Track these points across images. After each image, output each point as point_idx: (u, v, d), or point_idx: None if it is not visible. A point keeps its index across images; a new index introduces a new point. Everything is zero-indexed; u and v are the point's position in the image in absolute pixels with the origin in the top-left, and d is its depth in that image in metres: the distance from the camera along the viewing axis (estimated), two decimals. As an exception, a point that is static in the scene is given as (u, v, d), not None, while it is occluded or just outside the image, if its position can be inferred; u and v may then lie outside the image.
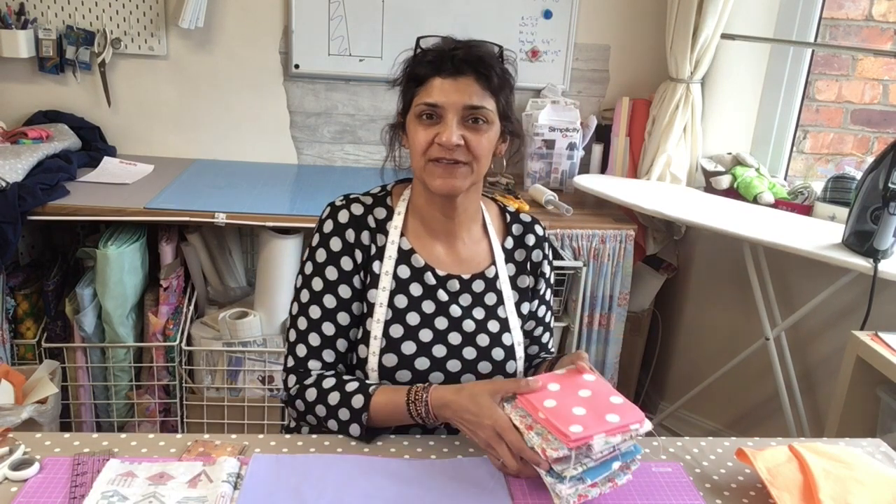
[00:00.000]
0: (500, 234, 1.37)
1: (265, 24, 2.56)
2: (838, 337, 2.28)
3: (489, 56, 1.22)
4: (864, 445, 1.25)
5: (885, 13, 2.42)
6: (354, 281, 1.27)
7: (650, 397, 2.91)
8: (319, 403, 1.20)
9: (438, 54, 1.21)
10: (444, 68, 1.19)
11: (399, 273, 1.28)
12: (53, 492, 1.00)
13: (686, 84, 2.46)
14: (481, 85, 1.20)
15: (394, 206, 1.32)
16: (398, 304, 1.26)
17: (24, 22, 2.40)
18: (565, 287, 2.31)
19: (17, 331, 2.22)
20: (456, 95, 1.18)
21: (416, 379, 1.24)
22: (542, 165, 2.53)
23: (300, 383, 1.24)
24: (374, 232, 1.29)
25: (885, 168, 1.87)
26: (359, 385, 1.20)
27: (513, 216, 1.40)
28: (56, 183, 2.14)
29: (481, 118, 1.20)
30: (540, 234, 1.39)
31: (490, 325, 1.30)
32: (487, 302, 1.31)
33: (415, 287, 1.28)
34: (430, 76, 1.20)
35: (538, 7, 2.62)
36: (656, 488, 1.10)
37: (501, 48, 1.26)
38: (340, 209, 1.29)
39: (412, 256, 1.29)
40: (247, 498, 1.01)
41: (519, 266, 1.36)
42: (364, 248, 1.28)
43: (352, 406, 1.17)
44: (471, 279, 1.31)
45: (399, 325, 1.25)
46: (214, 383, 2.26)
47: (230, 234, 2.43)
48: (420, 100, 1.21)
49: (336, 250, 1.27)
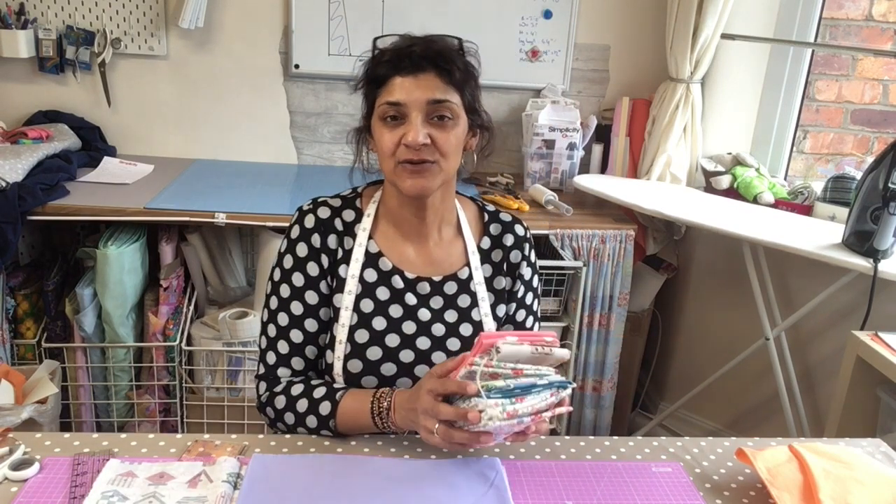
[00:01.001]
0: (476, 235, 1.34)
1: (265, 24, 2.56)
2: (838, 337, 2.28)
3: (448, 50, 1.19)
4: (864, 445, 1.25)
5: (885, 13, 2.42)
6: (321, 286, 1.25)
7: (650, 397, 2.91)
8: (288, 411, 1.21)
9: (396, 53, 1.18)
10: (404, 66, 1.16)
11: (366, 277, 1.26)
12: (53, 492, 1.00)
13: (686, 84, 2.46)
14: (443, 79, 1.17)
15: (363, 208, 1.30)
16: (364, 309, 1.25)
17: (24, 22, 2.40)
18: (565, 287, 2.31)
19: (17, 331, 2.22)
20: (418, 92, 1.15)
21: (382, 384, 1.23)
22: (542, 165, 2.53)
23: (270, 390, 1.24)
24: (341, 235, 1.27)
25: (885, 168, 1.87)
26: (326, 391, 1.19)
27: (491, 216, 1.36)
28: (56, 183, 2.14)
29: (446, 114, 1.17)
30: (520, 234, 1.35)
31: (462, 329, 1.27)
32: (461, 304, 1.28)
33: (381, 291, 1.26)
34: (389, 76, 1.17)
35: (538, 7, 2.62)
36: (656, 488, 1.10)
37: (461, 41, 1.23)
38: (307, 214, 1.27)
39: (380, 260, 1.27)
40: (247, 498, 1.01)
41: (495, 267, 1.32)
42: (331, 252, 1.26)
43: (319, 413, 1.17)
44: (442, 281, 1.28)
45: (364, 329, 1.24)
46: (214, 383, 2.26)
47: (230, 234, 2.43)
48: (382, 100, 1.18)
49: (302, 256, 1.25)
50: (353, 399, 1.17)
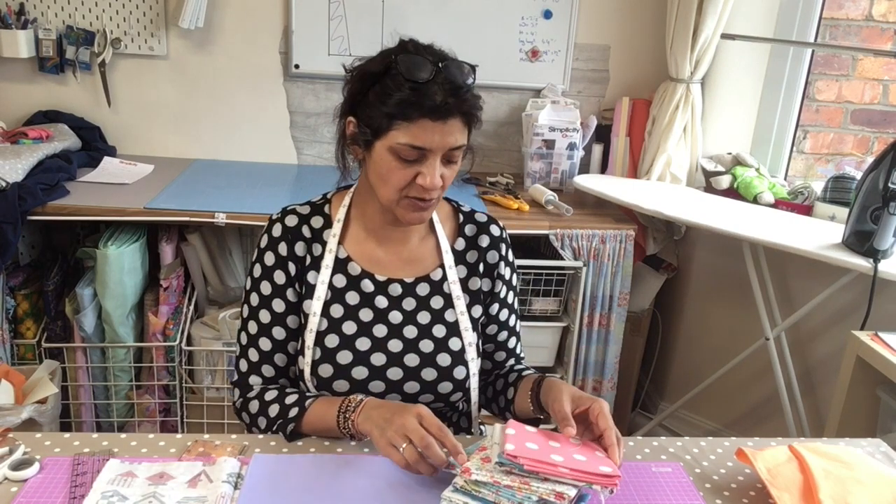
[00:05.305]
0: (451, 235, 1.33)
1: (265, 24, 2.56)
2: (838, 337, 2.28)
3: (473, 94, 1.16)
4: (864, 445, 1.25)
5: (885, 13, 2.42)
6: (288, 294, 1.26)
7: (650, 397, 2.91)
8: (261, 416, 1.22)
9: (424, 91, 1.11)
10: (434, 110, 1.11)
11: (335, 282, 1.26)
12: (53, 492, 1.00)
13: (686, 84, 2.46)
14: (464, 123, 1.16)
15: (332, 214, 1.30)
16: (334, 314, 1.25)
17: (24, 22, 2.40)
18: (565, 287, 2.31)
19: (17, 331, 2.22)
20: (442, 139, 1.13)
21: (353, 388, 1.23)
22: (542, 165, 2.53)
23: (244, 396, 1.27)
24: (309, 242, 1.27)
25: (885, 168, 1.87)
26: (298, 397, 1.21)
27: (466, 216, 1.35)
28: (56, 183, 2.14)
29: (459, 155, 1.18)
30: (496, 234, 1.35)
31: (435, 330, 1.27)
32: (433, 305, 1.28)
33: (351, 296, 1.26)
34: (417, 117, 1.11)
35: (538, 7, 2.62)
36: (656, 488, 1.10)
37: (473, 68, 1.17)
38: (275, 223, 1.28)
39: (348, 265, 1.27)
40: (247, 498, 1.01)
41: (470, 268, 1.32)
42: (298, 260, 1.26)
43: (288, 417, 1.18)
44: (414, 282, 1.28)
45: (335, 334, 1.24)
46: (214, 383, 2.26)
47: (230, 234, 2.43)
48: (403, 139, 1.12)
49: (269, 265, 1.26)
50: (324, 402, 1.19)
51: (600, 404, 1.08)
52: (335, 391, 1.23)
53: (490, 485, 0.97)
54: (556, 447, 1.03)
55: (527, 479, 0.96)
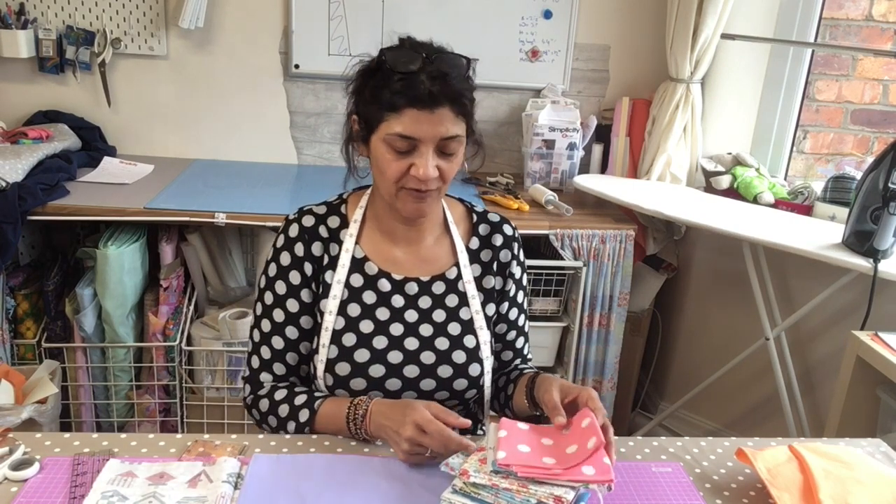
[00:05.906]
0: (465, 235, 1.35)
1: (265, 24, 2.56)
2: (838, 337, 2.28)
3: (462, 81, 1.17)
4: (864, 445, 1.25)
5: (885, 13, 2.42)
6: (303, 294, 1.27)
7: (650, 397, 2.91)
8: (271, 414, 1.24)
9: (410, 82, 1.13)
10: (420, 100, 1.12)
11: (352, 281, 1.27)
12: (53, 492, 1.00)
13: (686, 84, 2.46)
14: (454, 112, 1.16)
15: (349, 214, 1.31)
16: (351, 313, 1.26)
17: (24, 22, 2.39)
18: (565, 287, 2.31)
19: (17, 331, 2.22)
20: (432, 128, 1.14)
21: (370, 386, 1.24)
22: (542, 165, 2.53)
23: (254, 394, 1.28)
24: (326, 242, 1.28)
25: (885, 168, 1.87)
26: (307, 398, 1.22)
27: (480, 216, 1.37)
28: (56, 183, 2.14)
29: (455, 146, 1.18)
30: (509, 234, 1.36)
31: (451, 328, 1.28)
32: (449, 304, 1.30)
33: (368, 295, 1.27)
34: (402, 106, 1.13)
35: (538, 7, 2.62)
36: (656, 488, 1.10)
37: (468, 61, 1.20)
38: (291, 223, 1.29)
39: (365, 264, 1.28)
40: (247, 498, 1.01)
41: (485, 266, 1.34)
42: (315, 260, 1.28)
43: (298, 419, 1.21)
44: (430, 281, 1.30)
45: (352, 333, 1.25)
46: (214, 383, 2.26)
47: (230, 234, 2.43)
48: (392, 129, 1.14)
49: (285, 265, 1.27)
50: (332, 404, 1.20)
51: (588, 392, 1.11)
52: (352, 389, 1.24)
53: (489, 487, 0.97)
54: (549, 445, 1.04)
55: (525, 482, 0.97)
